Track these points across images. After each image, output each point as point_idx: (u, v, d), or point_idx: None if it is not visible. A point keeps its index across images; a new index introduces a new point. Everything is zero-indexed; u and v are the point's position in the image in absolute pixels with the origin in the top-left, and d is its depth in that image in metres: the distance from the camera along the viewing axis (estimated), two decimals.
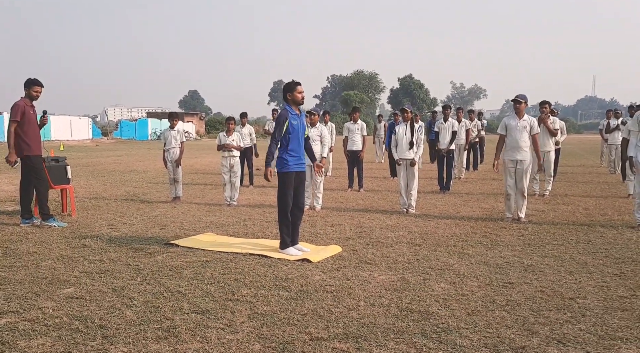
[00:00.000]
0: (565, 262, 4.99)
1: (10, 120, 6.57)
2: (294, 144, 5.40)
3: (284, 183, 5.39)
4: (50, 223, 6.67)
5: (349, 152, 10.75)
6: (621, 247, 5.60)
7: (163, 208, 8.24)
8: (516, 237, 6.14)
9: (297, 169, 5.45)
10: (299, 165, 5.48)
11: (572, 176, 13.62)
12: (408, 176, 8.03)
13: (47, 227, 6.58)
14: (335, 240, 5.97)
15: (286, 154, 5.38)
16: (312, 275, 4.58)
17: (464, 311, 3.66)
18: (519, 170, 7.16)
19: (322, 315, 3.60)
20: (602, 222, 7.08)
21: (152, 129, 47.22)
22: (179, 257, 5.20)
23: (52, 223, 6.67)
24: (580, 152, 25.75)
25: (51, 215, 6.80)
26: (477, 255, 5.25)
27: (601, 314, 3.59)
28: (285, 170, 5.37)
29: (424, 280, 4.40)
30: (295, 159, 5.42)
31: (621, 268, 4.76)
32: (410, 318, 3.54)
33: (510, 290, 4.12)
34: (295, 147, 5.41)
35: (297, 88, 5.43)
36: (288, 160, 5.38)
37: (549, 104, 9.49)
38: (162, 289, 4.15)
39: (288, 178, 5.38)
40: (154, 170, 15.32)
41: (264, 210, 8.11)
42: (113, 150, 29.07)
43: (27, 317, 3.53)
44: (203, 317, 3.56)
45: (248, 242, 5.81)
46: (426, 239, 6.02)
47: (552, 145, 9.90)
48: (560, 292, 4.08)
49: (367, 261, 5.04)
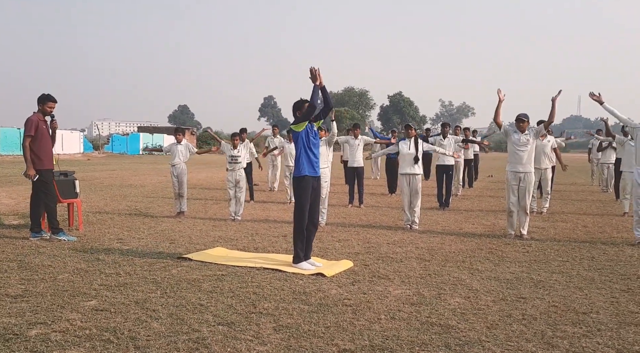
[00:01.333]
0: (573, 277, 5.14)
1: (25, 135, 6.63)
2: (310, 152, 5.53)
3: (301, 190, 5.50)
4: (60, 237, 6.69)
5: (350, 168, 10.90)
6: (624, 263, 5.77)
7: (169, 223, 8.28)
8: (521, 253, 6.29)
9: (313, 174, 5.56)
10: (315, 171, 5.59)
11: (566, 194, 13.88)
12: (412, 192, 8.18)
13: (57, 241, 6.60)
14: (346, 255, 6.07)
15: (303, 160, 5.51)
16: (329, 289, 4.67)
17: (483, 324, 3.78)
18: (522, 187, 7.33)
19: (345, 328, 3.69)
20: (602, 239, 7.26)
21: (143, 144, 47.13)
22: (194, 270, 5.26)
23: (62, 237, 6.69)
24: (571, 171, 26.15)
25: (61, 228, 6.82)
26: (487, 271, 5.38)
27: (616, 328, 3.72)
28: (302, 173, 5.49)
29: (439, 295, 4.52)
30: (311, 164, 5.54)
31: (628, 284, 4.92)
32: (432, 331, 3.65)
33: (524, 305, 4.25)
34: (311, 151, 5.55)
35: (305, 105, 5.60)
36: (304, 164, 5.51)
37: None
38: (184, 302, 4.21)
39: (305, 182, 5.49)
40: (151, 185, 15.34)
41: (270, 225, 8.19)
42: (105, 164, 28.96)
43: (57, 328, 3.58)
44: (230, 329, 3.63)
45: (260, 257, 5.89)
46: (434, 255, 6.15)
47: (548, 163, 10.16)
48: (572, 306, 4.21)
49: (380, 276, 5.15)
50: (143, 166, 26.30)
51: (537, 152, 9.38)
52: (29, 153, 6.61)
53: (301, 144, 5.52)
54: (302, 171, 5.51)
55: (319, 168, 5.70)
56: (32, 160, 6.64)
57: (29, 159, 6.60)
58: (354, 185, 10.93)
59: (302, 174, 5.51)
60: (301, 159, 5.53)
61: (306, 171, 5.50)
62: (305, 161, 5.51)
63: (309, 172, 5.51)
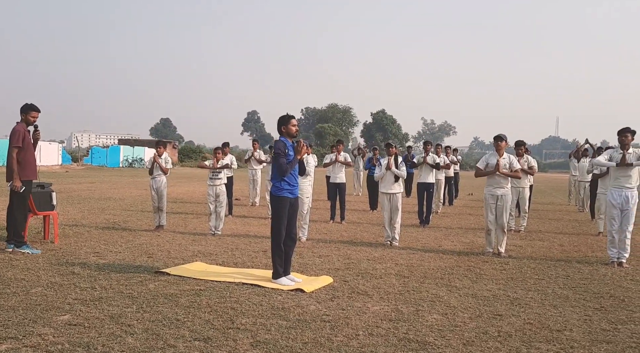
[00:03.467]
0: (548, 295, 5.22)
1: (12, 146, 6.51)
2: (290, 176, 5.55)
3: (278, 208, 5.51)
4: (23, 250, 6.53)
5: (332, 184, 10.95)
6: (598, 282, 5.88)
7: (147, 237, 8.18)
8: (499, 270, 6.37)
9: (291, 196, 5.58)
10: (293, 193, 5.61)
11: (543, 213, 14.12)
12: (392, 209, 8.24)
13: (20, 254, 6.44)
14: (325, 271, 6.07)
15: (283, 183, 5.52)
16: (308, 304, 4.66)
17: (459, 341, 3.80)
18: (500, 206, 7.46)
19: (323, 344, 3.68)
20: (577, 258, 7.40)
21: (124, 156, 46.60)
22: (172, 285, 5.20)
23: (25, 250, 6.53)
24: (549, 191, 26.64)
25: (25, 242, 6.67)
26: (464, 288, 5.43)
27: (588, 346, 3.78)
28: (281, 194, 5.50)
29: (417, 311, 4.54)
30: (291, 187, 5.57)
31: (601, 302, 5.01)
32: (409, 347, 3.66)
33: (500, 322, 4.29)
34: (291, 176, 5.56)
35: (290, 121, 5.64)
36: (283, 186, 5.52)
37: (524, 144, 9.91)
38: (160, 317, 4.15)
39: (283, 202, 5.50)
40: (130, 198, 15.15)
41: (250, 240, 8.15)
42: (84, 176, 28.51)
43: (28, 343, 3.50)
44: (206, 344, 3.60)
45: (239, 272, 5.85)
46: (413, 271, 6.18)
47: (526, 182, 10.35)
48: (547, 324, 4.27)
49: (359, 292, 5.15)
50: (122, 179, 25.98)
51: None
52: (15, 164, 6.50)
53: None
54: (280, 192, 5.54)
55: (298, 190, 5.73)
56: (17, 171, 6.53)
57: (15, 170, 6.49)
58: (336, 201, 10.96)
59: (280, 195, 5.53)
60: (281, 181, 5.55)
61: (284, 193, 5.53)
62: (284, 183, 5.54)
63: (287, 194, 5.55)
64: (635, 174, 6.85)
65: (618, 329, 4.19)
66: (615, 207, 6.86)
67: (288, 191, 5.55)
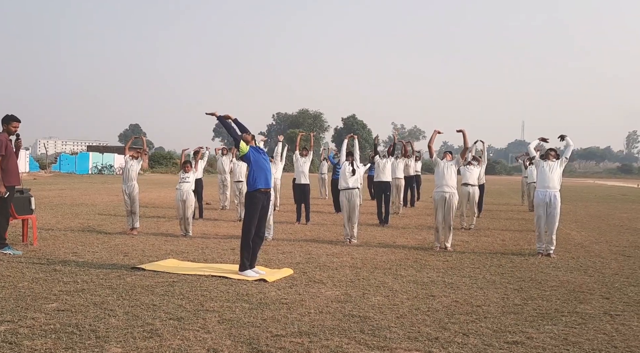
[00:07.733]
0: (478, 280, 6.03)
1: None
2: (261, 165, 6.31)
3: (252, 204, 6.19)
4: (5, 251, 7.00)
5: (297, 185, 11.63)
6: (524, 270, 6.74)
7: (122, 238, 8.71)
8: (442, 262, 7.17)
9: (265, 186, 6.28)
10: (268, 183, 6.33)
11: (496, 213, 15.14)
12: (350, 208, 8.99)
13: (2, 254, 6.91)
14: (287, 264, 6.75)
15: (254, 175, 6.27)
16: (269, 291, 5.33)
17: (394, 315, 4.55)
18: (447, 206, 8.29)
19: (279, 320, 4.36)
20: (514, 251, 8.29)
21: (93, 163, 46.25)
22: (147, 278, 5.79)
23: (7, 251, 7.01)
24: (507, 192, 27.98)
25: (7, 244, 7.14)
26: (408, 276, 6.19)
27: (498, 316, 4.58)
28: (257, 187, 6.21)
29: (363, 294, 5.27)
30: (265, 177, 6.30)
31: (521, 284, 5.85)
32: (351, 321, 4.38)
33: (432, 301, 5.06)
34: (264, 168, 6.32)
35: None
36: (257, 179, 6.25)
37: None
38: (138, 303, 4.76)
39: (257, 198, 6.20)
40: (102, 204, 15.50)
41: (219, 240, 8.77)
42: (53, 183, 28.41)
43: (24, 325, 4.07)
44: (179, 322, 4.24)
45: (209, 266, 6.48)
46: (366, 264, 6.93)
47: (476, 181, 11.25)
48: (470, 301, 5.06)
49: (315, 281, 5.86)
50: (93, 185, 26.09)
51: (463, 172, 10.61)
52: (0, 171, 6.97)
53: (252, 161, 6.28)
54: (255, 185, 6.24)
55: (272, 180, 6.43)
56: (1, 178, 7.01)
57: (0, 178, 6.96)
58: (302, 203, 11.63)
59: (255, 188, 6.23)
60: (253, 174, 6.25)
61: (259, 184, 6.23)
62: (257, 175, 6.25)
63: (261, 185, 6.24)
64: (558, 177, 7.82)
65: (527, 304, 5.01)
66: (541, 206, 7.79)
67: (261, 182, 6.23)
